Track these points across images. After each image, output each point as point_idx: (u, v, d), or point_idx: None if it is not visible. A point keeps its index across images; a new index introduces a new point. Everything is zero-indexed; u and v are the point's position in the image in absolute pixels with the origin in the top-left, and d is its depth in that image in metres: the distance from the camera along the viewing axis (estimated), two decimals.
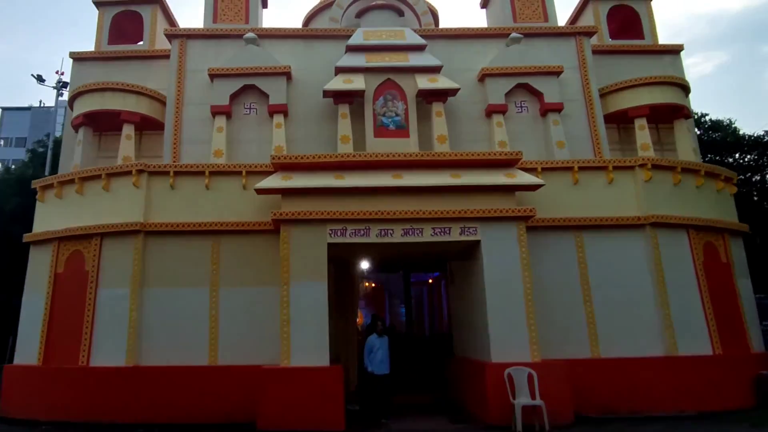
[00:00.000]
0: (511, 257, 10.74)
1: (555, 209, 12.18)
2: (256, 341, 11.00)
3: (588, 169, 12.63)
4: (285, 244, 10.39)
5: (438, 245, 11.18)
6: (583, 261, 12.13)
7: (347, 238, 10.54)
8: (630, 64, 16.03)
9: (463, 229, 10.81)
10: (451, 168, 11.30)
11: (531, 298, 10.61)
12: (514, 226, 10.92)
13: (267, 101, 13.41)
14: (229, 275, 11.38)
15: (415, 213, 10.63)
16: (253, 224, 11.49)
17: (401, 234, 10.68)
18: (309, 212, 10.41)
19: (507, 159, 11.35)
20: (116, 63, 14.78)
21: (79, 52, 14.73)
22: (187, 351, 10.94)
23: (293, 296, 10.16)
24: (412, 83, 13.33)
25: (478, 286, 11.03)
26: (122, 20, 15.46)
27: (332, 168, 11.07)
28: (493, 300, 10.51)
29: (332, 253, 10.98)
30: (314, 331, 10.05)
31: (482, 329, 10.78)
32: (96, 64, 14.67)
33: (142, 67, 14.75)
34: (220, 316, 11.20)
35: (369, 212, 10.53)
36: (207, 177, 11.68)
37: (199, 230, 11.42)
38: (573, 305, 11.80)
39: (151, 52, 14.91)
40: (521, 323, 10.45)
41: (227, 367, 10.80)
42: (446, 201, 10.91)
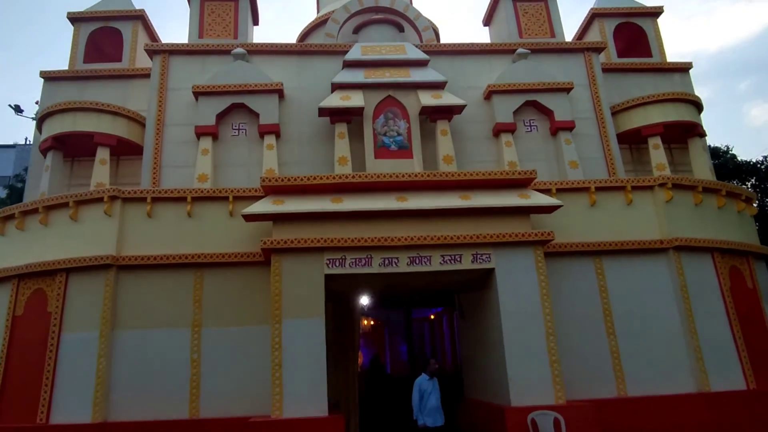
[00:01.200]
0: (530, 285, 9.71)
1: (571, 233, 11.16)
2: (246, 389, 9.77)
3: (605, 190, 11.67)
4: (276, 276, 9.22)
5: (447, 275, 10.10)
6: (604, 289, 11.11)
7: (346, 269, 9.40)
8: (638, 83, 15.30)
9: (476, 255, 9.71)
10: (460, 189, 10.26)
11: (553, 332, 9.57)
12: (531, 251, 9.86)
13: (257, 121, 12.39)
14: (213, 314, 10.17)
15: (422, 239, 9.54)
16: (241, 255, 10.32)
17: (407, 263, 9.57)
18: (303, 240, 9.27)
19: (520, 179, 10.32)
20: (92, 83, 13.76)
21: (50, 71, 13.69)
22: (164, 403, 9.63)
23: (286, 336, 8.97)
24: (415, 100, 12.36)
25: (493, 319, 9.95)
26: (100, 37, 14.49)
27: (329, 191, 9.98)
28: (510, 334, 9.46)
29: (330, 286, 9.83)
30: (310, 376, 8.85)
31: (498, 368, 9.67)
32: (70, 85, 13.63)
33: (120, 87, 13.72)
34: (202, 360, 9.95)
35: (371, 239, 9.42)
36: (189, 203, 10.54)
37: (179, 263, 10.24)
38: (595, 338, 10.77)
39: (132, 71, 13.89)
40: (543, 360, 9.40)
41: (211, 420, 9.51)
42: (456, 225, 9.85)
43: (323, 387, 8.83)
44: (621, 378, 10.57)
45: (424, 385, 9.62)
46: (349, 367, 12.52)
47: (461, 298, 12.66)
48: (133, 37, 14.22)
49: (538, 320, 9.58)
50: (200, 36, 13.58)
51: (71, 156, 13.24)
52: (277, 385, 8.75)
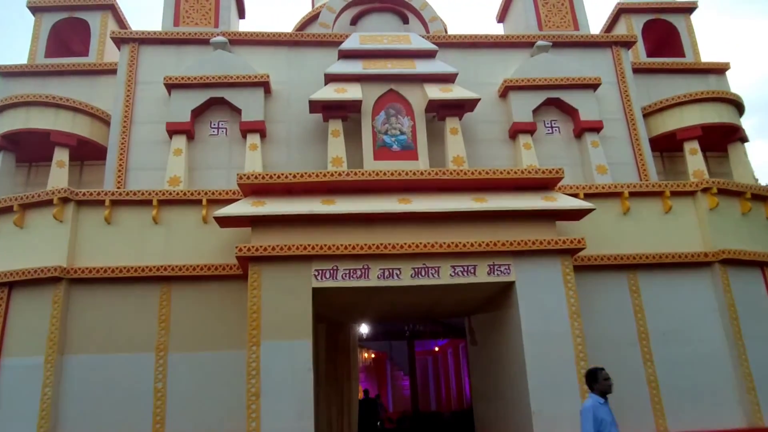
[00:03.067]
0: (556, 302, 8.78)
1: (601, 244, 10.22)
2: (220, 424, 8.77)
3: (639, 196, 10.74)
4: (254, 289, 8.23)
5: (457, 290, 9.13)
6: (640, 308, 10.16)
7: (339, 281, 8.42)
8: (670, 85, 14.49)
9: (492, 267, 8.75)
10: (474, 191, 9.37)
11: (585, 356, 8.64)
12: (558, 261, 8.91)
13: (239, 119, 11.52)
14: (182, 335, 9.18)
15: (428, 246, 8.58)
16: (215, 268, 9.35)
17: (411, 275, 8.59)
18: (287, 246, 8.31)
19: (544, 179, 9.40)
20: (55, 79, 12.95)
21: (6, 66, 12.89)
22: None
23: (265, 361, 7.96)
24: (421, 95, 11.51)
25: (512, 343, 9.01)
26: (65, 29, 13.76)
27: (319, 191, 9.06)
28: (534, 361, 8.50)
29: (320, 303, 8.85)
30: (295, 409, 7.84)
31: (519, 401, 8.70)
32: (29, 81, 12.83)
33: (87, 83, 12.92)
34: (168, 391, 8.93)
35: (368, 246, 8.46)
36: (155, 207, 9.60)
37: (143, 276, 9.27)
38: (630, 365, 9.78)
39: (99, 65, 13.10)
40: (573, 391, 8.41)
41: None
42: (469, 232, 8.91)
43: (310, 422, 7.80)
44: (660, 411, 9.60)
45: (599, 411, 6.40)
46: (345, 401, 11.47)
47: (472, 321, 11.66)
48: (101, 29, 13.45)
49: (566, 343, 8.60)
50: (175, 24, 12.77)
51: (28, 160, 12.39)
52: (253, 419, 7.70)
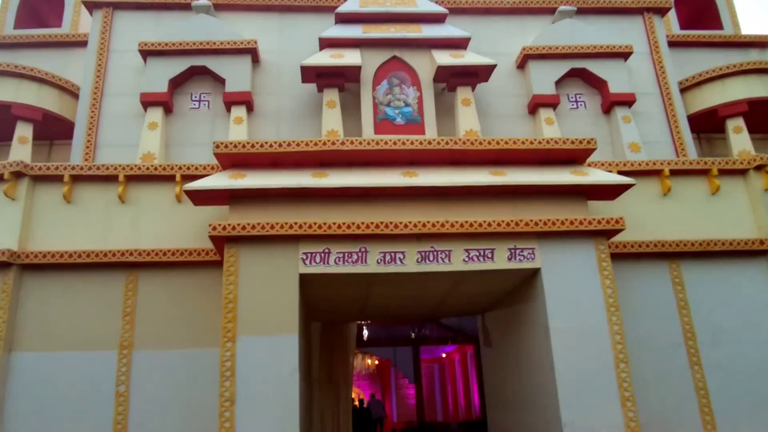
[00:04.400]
0: (590, 292, 7.70)
1: (638, 229, 9.16)
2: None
3: (682, 174, 9.68)
4: (231, 275, 7.16)
5: (470, 281, 8.08)
6: (684, 303, 9.09)
7: (331, 267, 7.33)
8: (707, 60, 13.27)
9: (514, 251, 7.64)
10: (491, 164, 8.30)
11: (625, 357, 7.54)
12: (591, 245, 7.82)
13: (223, 90, 10.45)
14: (150, 331, 8.16)
15: (438, 226, 7.46)
16: (190, 253, 8.32)
17: (416, 260, 7.49)
18: (271, 225, 7.22)
19: (572, 150, 8.30)
20: (24, 51, 11.99)
21: None
22: None
23: (242, 359, 6.88)
24: (428, 62, 10.47)
25: (536, 342, 7.98)
26: None
27: (310, 163, 8.02)
28: (564, 362, 7.42)
29: (309, 295, 7.79)
30: (277, 418, 6.76)
31: (545, 410, 7.64)
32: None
33: (60, 56, 11.93)
34: (132, 394, 7.91)
35: (365, 224, 7.37)
36: (122, 184, 8.58)
37: (107, 263, 8.25)
38: (675, 369, 8.75)
39: (74, 36, 12.16)
40: (612, 398, 7.33)
41: None
42: (485, 210, 7.83)
43: None
44: (711, 423, 8.54)
45: None
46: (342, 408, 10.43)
47: (486, 319, 10.57)
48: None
49: (603, 341, 7.51)
50: None
51: None
52: (226, 429, 6.62)
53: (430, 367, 31.66)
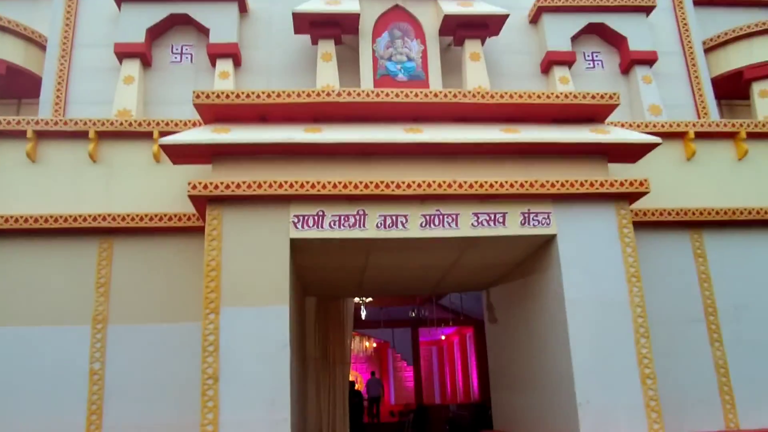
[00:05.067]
0: (610, 261, 7.16)
1: (659, 196, 8.52)
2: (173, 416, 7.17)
3: (708, 137, 9.09)
4: (213, 240, 6.56)
5: (479, 249, 7.53)
6: (706, 276, 8.57)
7: (325, 231, 6.74)
8: (732, 20, 12.54)
9: (527, 215, 7.08)
10: (502, 121, 7.67)
11: (647, 332, 7.00)
12: (612, 209, 7.29)
13: (207, 41, 9.76)
14: (126, 303, 7.57)
15: (444, 187, 6.86)
16: (170, 218, 7.72)
17: (420, 224, 6.90)
18: (258, 183, 6.60)
19: (592, 106, 7.69)
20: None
21: None
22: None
23: (226, 333, 6.32)
24: (434, 12, 9.87)
25: (549, 317, 7.46)
26: None
27: (303, 117, 7.39)
28: (580, 337, 6.90)
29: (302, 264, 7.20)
30: (265, 397, 6.23)
31: (558, 389, 7.15)
32: None
33: (26, 4, 11.10)
34: (107, 372, 7.33)
35: (364, 184, 6.77)
36: (93, 141, 7.95)
37: (78, 228, 7.62)
38: (694, 346, 8.28)
39: None
40: (631, 376, 6.84)
41: None
42: (496, 171, 7.21)
43: (285, 412, 6.16)
44: (730, 403, 8.09)
45: None
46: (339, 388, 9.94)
47: (492, 294, 10.03)
48: None
49: (623, 314, 6.99)
50: None
51: None
52: (209, 409, 6.07)
53: (428, 349, 31.45)
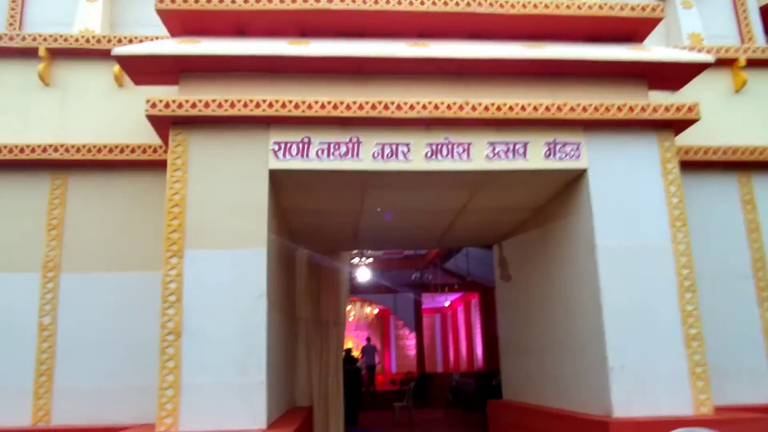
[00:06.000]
0: (650, 202, 6.19)
1: (700, 133, 7.47)
2: (133, 377, 6.33)
3: (758, 66, 8.07)
4: (177, 169, 5.60)
5: (494, 188, 6.56)
6: (755, 225, 7.63)
7: (312, 161, 5.76)
8: None
9: (553, 146, 6.08)
10: (523, 37, 6.62)
11: (693, 285, 6.05)
12: (653, 140, 6.32)
13: None
14: (82, 248, 6.67)
15: (454, 109, 5.85)
16: (133, 150, 6.77)
17: (425, 155, 5.93)
18: (231, 102, 5.60)
19: (631, 20, 6.62)
20: None
21: None
22: None
23: (191, 280, 5.40)
24: None
25: (574, 268, 6.52)
26: None
27: (287, 29, 6.37)
28: (613, 291, 5.96)
29: (283, 203, 6.23)
30: (236, 358, 5.30)
31: (585, 353, 6.25)
32: None
33: None
34: (60, 327, 6.46)
35: (359, 105, 5.76)
36: (45, 60, 6.97)
37: (25, 161, 6.68)
38: (740, 305, 7.38)
39: None
40: (673, 338, 5.91)
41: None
42: (517, 91, 6.21)
43: (260, 376, 5.26)
44: None
45: None
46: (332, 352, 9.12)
47: (505, 248, 9.09)
48: None
49: (665, 264, 6.04)
50: None
51: None
52: (170, 370, 5.18)
53: (432, 316, 30.95)
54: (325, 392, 9.30)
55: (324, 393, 9.28)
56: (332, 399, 9.42)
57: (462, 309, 28.64)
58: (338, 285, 9.92)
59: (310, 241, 9.10)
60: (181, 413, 5.08)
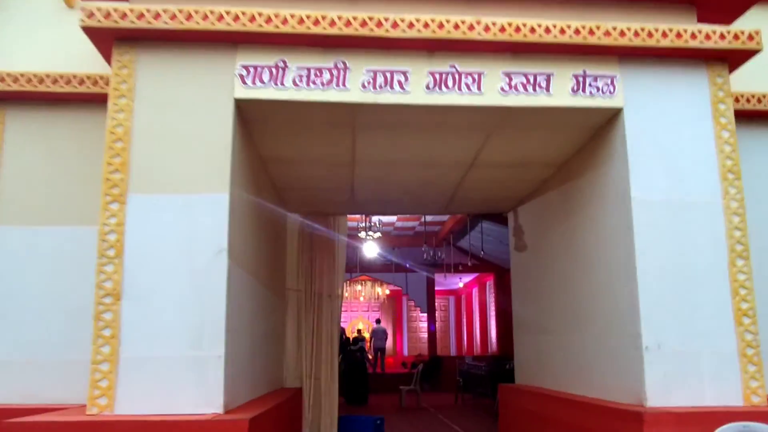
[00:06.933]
0: (698, 150, 5.24)
1: (754, 76, 6.42)
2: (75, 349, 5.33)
3: None
4: (121, 96, 4.70)
5: (510, 132, 5.55)
6: None
7: (287, 90, 4.83)
8: None
9: (582, 79, 5.15)
10: None
11: (745, 249, 5.12)
12: (703, 75, 5.33)
13: None
14: (18, 197, 5.77)
15: (463, 29, 4.88)
16: (82, 81, 5.82)
17: (426, 86, 4.98)
18: (188, 14, 4.65)
19: None
20: None
21: None
22: None
23: (134, 231, 4.51)
24: None
25: (605, 228, 5.58)
26: None
27: None
28: (650, 254, 5.02)
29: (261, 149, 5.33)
30: (189, 327, 4.41)
31: (612, 326, 5.37)
32: None
33: None
34: None
35: (346, 21, 4.79)
36: None
37: None
38: None
39: None
40: (720, 310, 5.01)
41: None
42: (540, 11, 5.22)
43: (218, 349, 4.35)
44: None
45: None
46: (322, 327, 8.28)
47: (521, 215, 8.16)
48: None
49: (713, 223, 5.11)
50: None
51: None
52: (106, 340, 4.32)
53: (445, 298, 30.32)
54: (316, 371, 8.46)
55: (315, 372, 8.44)
56: (325, 379, 8.58)
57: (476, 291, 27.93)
58: (334, 254, 9.03)
59: (301, 204, 8.22)
60: (118, 393, 4.21)
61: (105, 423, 4.04)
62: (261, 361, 6.36)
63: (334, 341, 8.77)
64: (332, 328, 8.77)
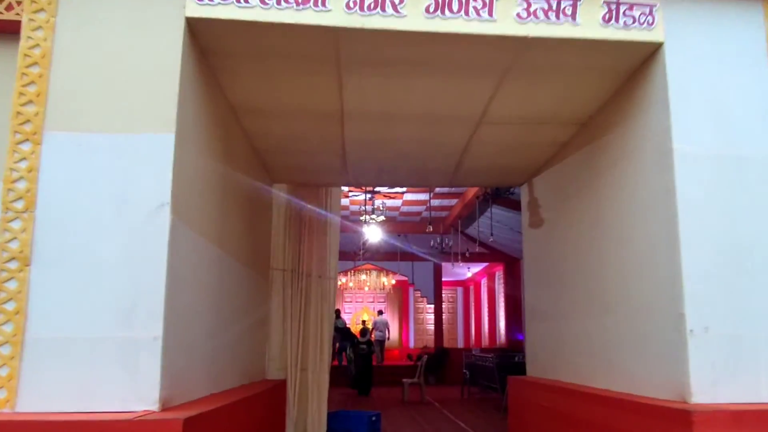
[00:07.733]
0: (753, 95, 4.37)
1: None
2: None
3: None
4: (40, 10, 3.78)
5: (528, 73, 4.65)
6: None
7: (252, 7, 3.94)
8: None
9: (615, 6, 4.29)
10: None
11: None
12: (759, 7, 4.46)
13: None
14: None
15: None
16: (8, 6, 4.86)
17: (427, 8, 4.12)
18: None
19: None
20: None
21: None
22: None
23: (51, 178, 3.64)
24: None
25: (641, 191, 4.70)
26: None
27: None
28: (696, 218, 4.17)
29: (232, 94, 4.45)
30: (119, 298, 3.48)
31: (650, 307, 4.48)
32: None
33: None
34: None
35: None
36: None
37: None
38: None
39: None
40: None
41: None
42: None
43: (155, 329, 3.45)
44: None
45: None
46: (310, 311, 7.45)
47: (536, 186, 7.27)
48: None
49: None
50: None
51: None
52: (8, 316, 3.44)
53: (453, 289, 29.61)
54: (303, 361, 7.59)
55: (302, 362, 7.57)
56: (314, 370, 7.71)
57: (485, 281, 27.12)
58: (326, 231, 8.18)
59: (287, 171, 7.35)
60: (21, 384, 3.33)
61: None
62: (232, 349, 5.50)
63: (324, 327, 7.90)
64: (322, 313, 7.90)
